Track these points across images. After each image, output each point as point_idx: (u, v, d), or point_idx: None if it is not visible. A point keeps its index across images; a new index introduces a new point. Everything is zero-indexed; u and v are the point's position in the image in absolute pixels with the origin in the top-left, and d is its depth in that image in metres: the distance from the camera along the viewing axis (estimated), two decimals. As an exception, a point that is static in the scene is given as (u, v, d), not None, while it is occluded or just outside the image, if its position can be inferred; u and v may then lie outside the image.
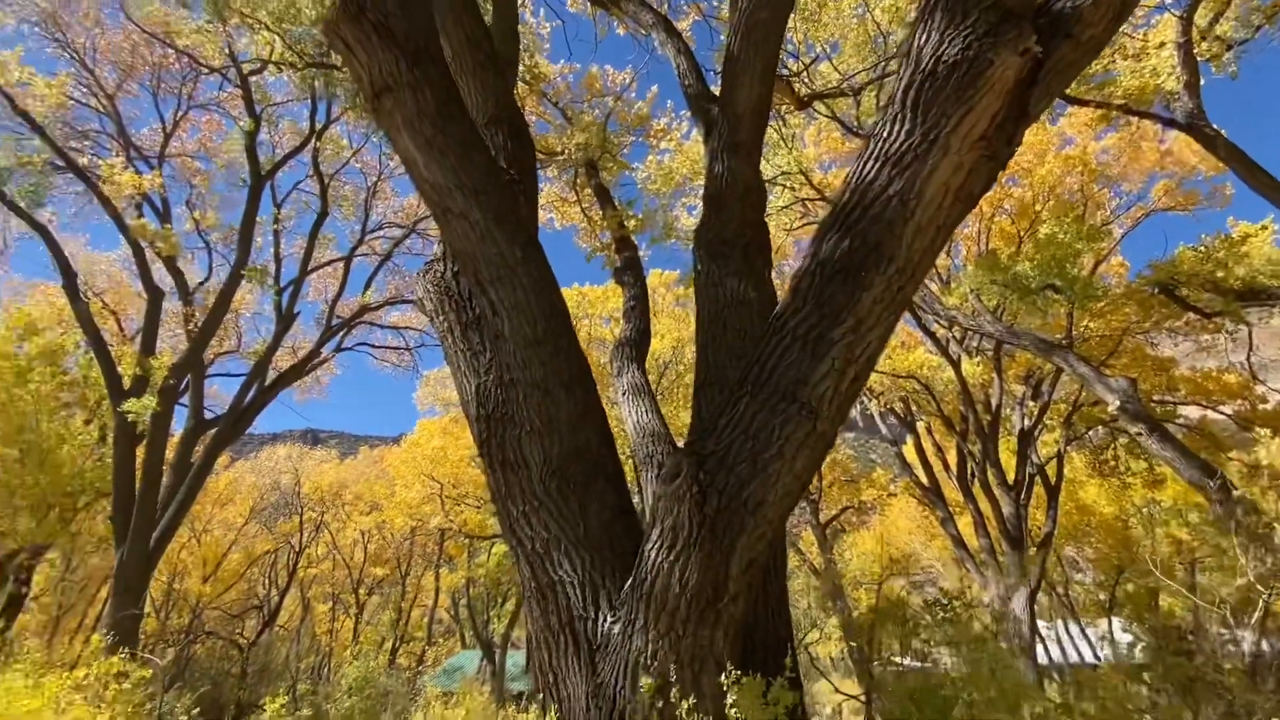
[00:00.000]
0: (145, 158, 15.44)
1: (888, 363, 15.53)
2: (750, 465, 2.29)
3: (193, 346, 13.71)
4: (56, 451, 15.02)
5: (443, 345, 3.50)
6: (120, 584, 11.66)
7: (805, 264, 2.44)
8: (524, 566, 2.84)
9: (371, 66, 2.66)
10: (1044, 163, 14.92)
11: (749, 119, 4.06)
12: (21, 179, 12.59)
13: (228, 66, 13.47)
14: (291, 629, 27.71)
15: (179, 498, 12.89)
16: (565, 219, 12.16)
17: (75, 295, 13.04)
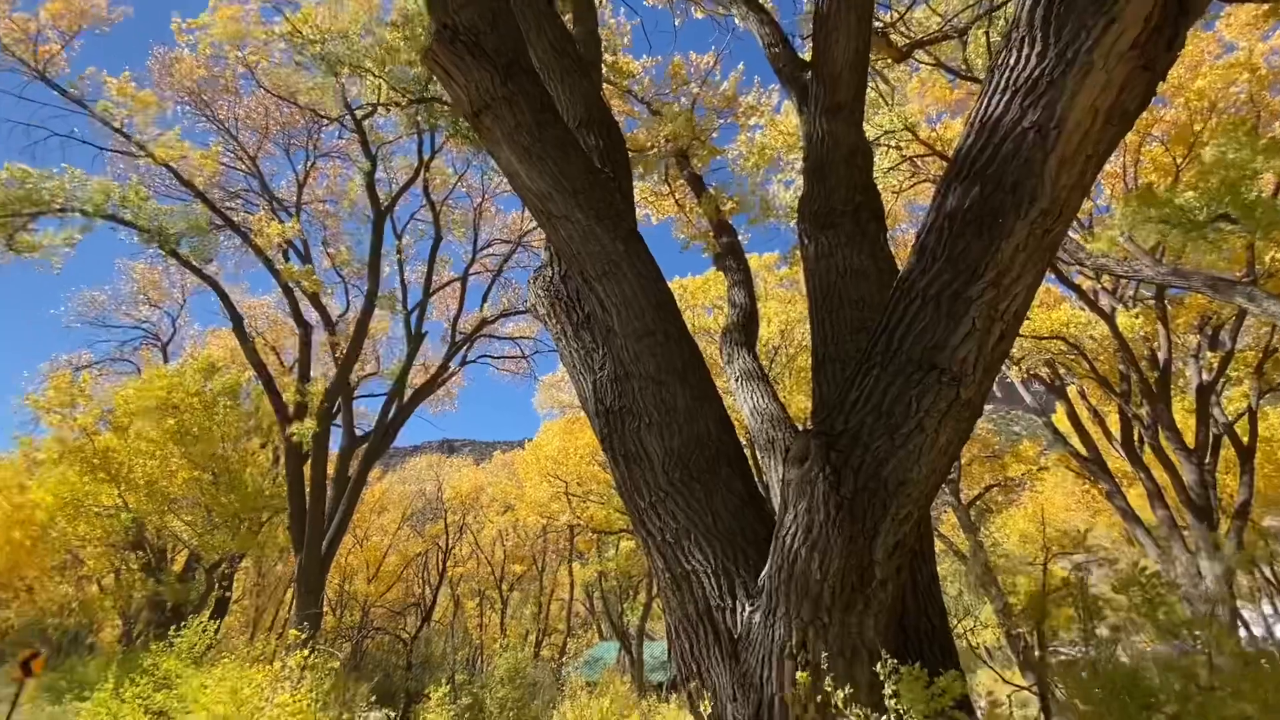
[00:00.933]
0: (285, 208, 17.34)
1: (1026, 325, 14.11)
2: (887, 442, 2.13)
3: (340, 372, 15.21)
4: (241, 474, 17.29)
5: (558, 347, 3.59)
6: (302, 586, 13.19)
7: (930, 219, 2.23)
8: (656, 558, 2.85)
9: (469, 86, 2.77)
10: (1199, 76, 12.85)
11: (847, 77, 3.81)
12: (191, 240, 14.54)
13: (344, 115, 14.79)
14: (446, 624, 30.12)
15: (342, 508, 14.36)
16: (660, 212, 12.18)
17: (243, 336, 14.90)
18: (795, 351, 17.27)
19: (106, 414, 17.27)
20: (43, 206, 12.25)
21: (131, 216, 12.95)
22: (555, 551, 29.89)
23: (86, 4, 13.93)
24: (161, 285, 21.69)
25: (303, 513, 14.03)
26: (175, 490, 17.34)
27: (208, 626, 11.62)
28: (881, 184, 11.88)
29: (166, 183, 15.01)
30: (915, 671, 1.97)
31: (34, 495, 16.84)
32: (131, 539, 17.94)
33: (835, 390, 2.80)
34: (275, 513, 18.75)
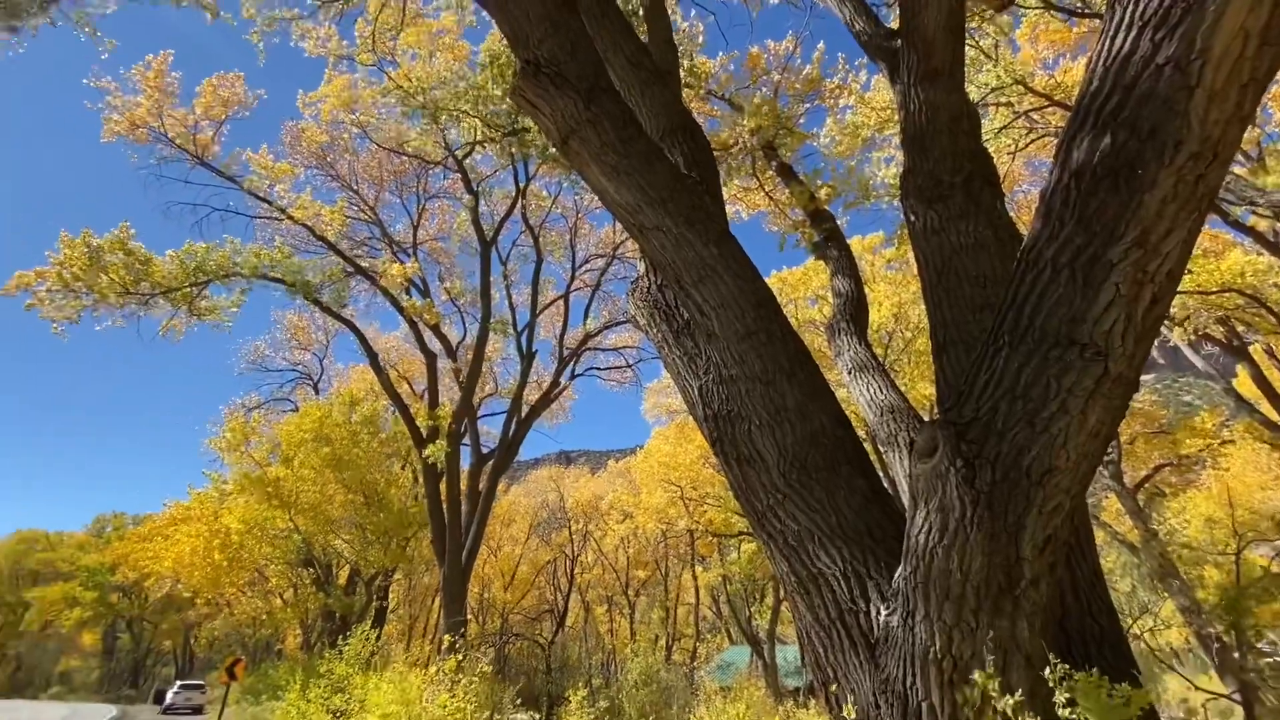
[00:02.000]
0: (404, 250, 18.89)
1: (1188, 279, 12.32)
2: (1027, 428, 1.95)
3: (464, 394, 16.28)
4: (388, 494, 18.96)
5: (660, 355, 3.63)
6: (447, 596, 14.20)
7: (1054, 179, 2.03)
8: (780, 561, 2.79)
9: (555, 115, 2.88)
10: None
11: (942, 40, 3.56)
12: (329, 288, 16.21)
13: (446, 157, 15.90)
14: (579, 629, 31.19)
15: (475, 521, 15.33)
16: (751, 207, 11.98)
17: (378, 369, 16.37)
18: (912, 335, 16.26)
19: (275, 448, 19.63)
20: (212, 275, 14.20)
21: (280, 274, 14.68)
22: (677, 556, 30.07)
23: (230, 93, 16.02)
24: (309, 330, 24.38)
25: (442, 527, 15.13)
26: (335, 512, 19.35)
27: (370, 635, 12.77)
28: (993, 146, 10.94)
29: (304, 240, 16.87)
30: (1093, 679, 1.78)
31: (226, 521, 19.46)
32: (303, 557, 20.23)
33: (961, 375, 2.62)
34: (419, 528, 20.39)
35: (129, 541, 34.96)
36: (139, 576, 29.99)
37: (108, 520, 54.41)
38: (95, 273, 13.37)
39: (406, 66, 13.27)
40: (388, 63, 13.34)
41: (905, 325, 16.50)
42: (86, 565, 43.32)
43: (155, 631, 46.92)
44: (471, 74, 12.15)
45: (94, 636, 51.23)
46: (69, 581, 43.96)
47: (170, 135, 15.39)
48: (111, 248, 13.51)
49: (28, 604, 45.38)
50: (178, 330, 14.96)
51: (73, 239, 13.33)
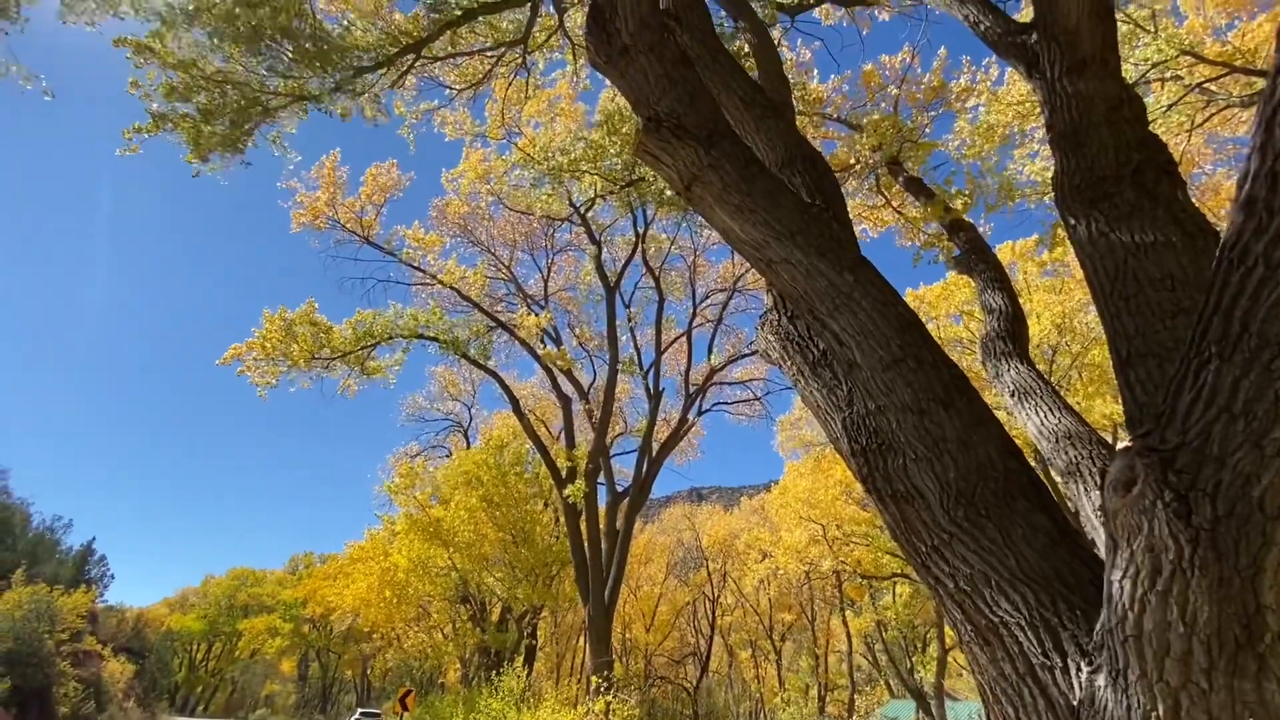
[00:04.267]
0: (537, 302, 20.22)
1: None
2: (1254, 452, 1.66)
3: (597, 435, 16.84)
4: (533, 532, 19.89)
5: (797, 389, 3.54)
6: (593, 634, 14.46)
7: (1255, 165, 1.75)
8: (952, 608, 2.55)
9: (677, 165, 2.99)
10: None
11: (1088, 27, 3.26)
12: (475, 343, 17.66)
13: (571, 213, 16.95)
14: (723, 674, 30.25)
15: (616, 558, 15.59)
16: (878, 224, 11.49)
17: (520, 414, 17.43)
18: (1080, 348, 14.49)
19: (435, 490, 21.45)
20: (379, 337, 16.07)
21: (434, 333, 16.29)
22: (823, 599, 28.40)
23: (387, 179, 18.35)
24: (458, 382, 26.67)
25: (584, 564, 15.55)
26: (487, 550, 20.63)
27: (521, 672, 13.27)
28: (1162, 127, 9.69)
29: (453, 301, 18.64)
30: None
31: (394, 559, 21.44)
32: (460, 594, 21.68)
33: (1156, 392, 2.30)
34: (562, 565, 21.12)
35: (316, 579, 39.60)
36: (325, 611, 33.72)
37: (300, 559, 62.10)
38: (289, 342, 15.67)
39: (531, 135, 14.46)
40: (515, 134, 14.62)
41: (1071, 337, 14.75)
42: (284, 599, 49.55)
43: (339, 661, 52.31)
44: (588, 133, 12.97)
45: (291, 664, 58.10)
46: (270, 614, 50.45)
47: (342, 220, 17.88)
48: (300, 320, 15.80)
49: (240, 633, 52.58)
50: (352, 389, 17.03)
51: (271, 315, 15.78)
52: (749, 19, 6.02)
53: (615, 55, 2.99)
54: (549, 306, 19.71)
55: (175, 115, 7.50)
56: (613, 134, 11.53)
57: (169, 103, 7.42)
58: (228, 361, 15.86)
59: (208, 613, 54.88)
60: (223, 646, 56.59)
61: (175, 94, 7.35)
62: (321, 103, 7.67)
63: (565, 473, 16.90)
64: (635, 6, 2.99)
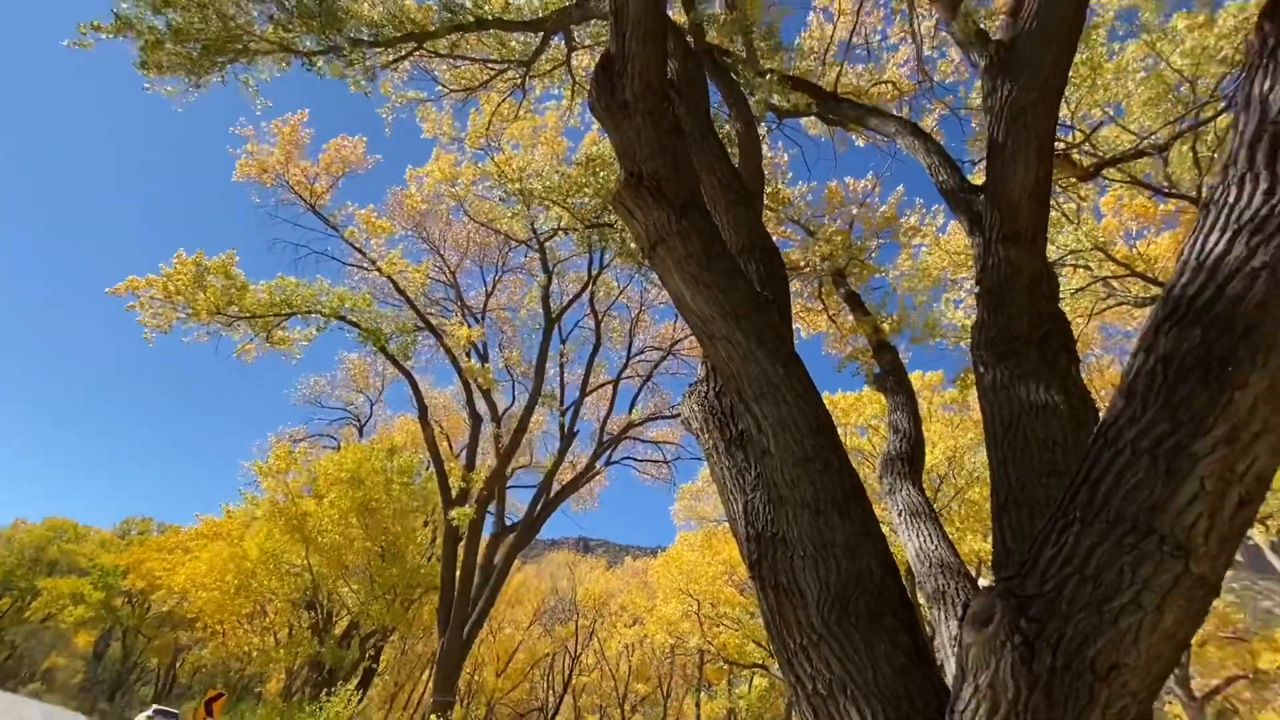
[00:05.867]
0: (474, 314, 19.80)
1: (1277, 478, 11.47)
2: (1094, 616, 1.83)
3: (500, 462, 16.35)
4: (405, 549, 18.78)
5: (708, 462, 3.61)
6: (441, 670, 13.61)
7: (1138, 362, 2.01)
8: (806, 710, 2.60)
9: (647, 223, 3.09)
10: None
11: (1026, 205, 3.68)
12: (397, 339, 16.98)
13: (530, 239, 16.93)
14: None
15: (485, 595, 14.90)
16: (812, 327, 12.10)
17: (425, 424, 16.72)
18: (965, 483, 15.56)
19: (311, 481, 19.97)
20: (296, 309, 15.19)
21: (357, 319, 15.56)
22: (683, 677, 28.08)
23: (351, 154, 17.80)
24: (367, 375, 25.39)
25: (451, 594, 14.76)
26: (350, 558, 19.23)
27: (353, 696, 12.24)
28: (1069, 307, 10.86)
29: (386, 291, 17.97)
30: None
31: (246, 545, 19.59)
32: (307, 599, 19.96)
33: (1023, 542, 2.50)
34: (426, 591, 19.93)
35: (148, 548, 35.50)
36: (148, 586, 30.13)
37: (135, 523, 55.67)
38: (196, 290, 14.52)
39: (509, 153, 14.51)
40: (494, 149, 14.62)
41: (959, 471, 15.85)
42: (103, 564, 43.95)
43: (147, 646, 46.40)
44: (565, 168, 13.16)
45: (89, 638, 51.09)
46: (82, 578, 44.53)
47: (291, 182, 17.08)
48: (216, 269, 14.74)
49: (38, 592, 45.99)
50: (250, 354, 15.87)
51: (186, 257, 14.64)
52: (742, 110, 6.40)
53: (615, 108, 3.09)
54: (484, 322, 19.34)
55: (143, 24, 7.04)
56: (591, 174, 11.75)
57: (140, 8, 6.97)
58: (120, 292, 14.49)
59: (5, 561, 47.84)
60: (13, 603, 49.16)
61: (149, 2, 6.92)
62: (313, 63, 7.44)
63: (456, 493, 16.21)
64: (644, 70, 3.13)
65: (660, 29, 3.15)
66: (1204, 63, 8.93)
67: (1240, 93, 2.02)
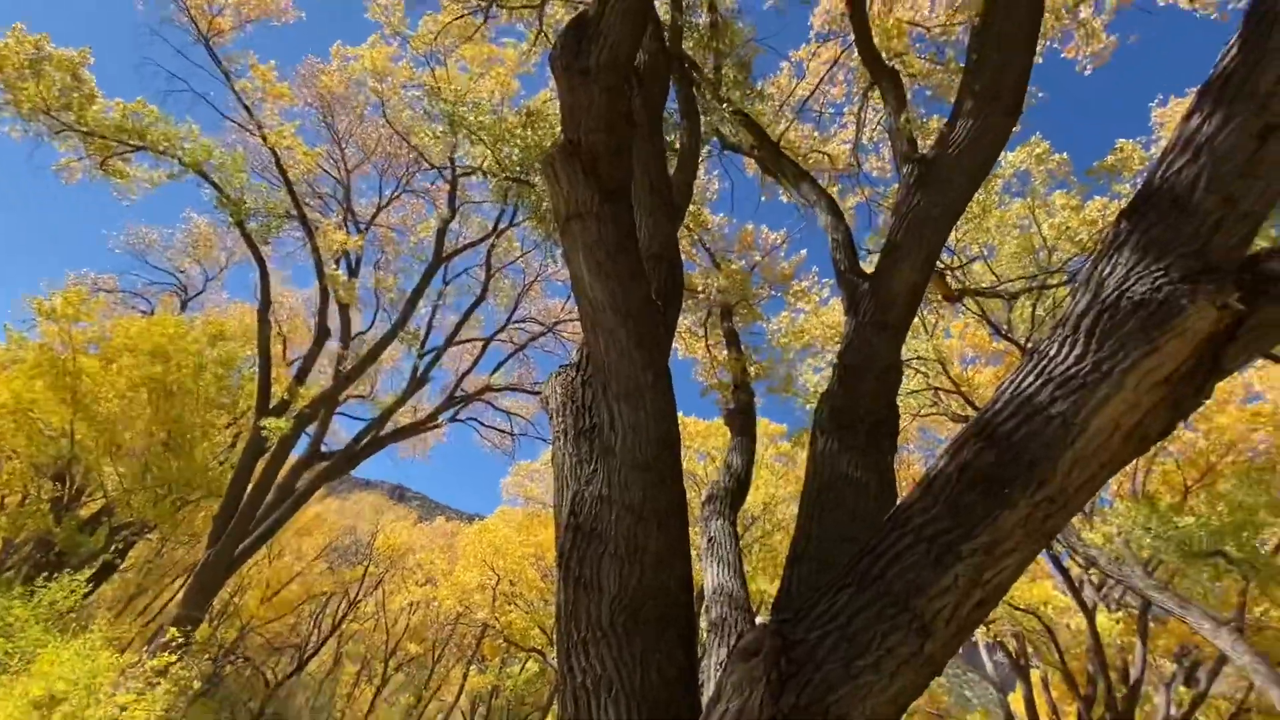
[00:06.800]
0: (357, 223, 18.27)
1: (1003, 587, 13.69)
2: (842, 670, 2.05)
3: (336, 385, 15.19)
4: (197, 445, 16.76)
5: (553, 446, 3.60)
6: (199, 583, 12.33)
7: (941, 465, 2.30)
8: (568, 700, 2.66)
9: (570, 195, 3.03)
10: (1224, 411, 13.40)
11: (902, 303, 4.09)
12: (260, 219, 15.23)
13: (445, 166, 15.96)
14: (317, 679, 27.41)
15: (275, 516, 13.73)
16: (688, 351, 12.55)
17: (264, 319, 15.13)
18: (771, 529, 16.89)
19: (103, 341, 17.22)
20: (148, 144, 13.10)
21: (220, 180, 13.73)
22: (458, 646, 27.66)
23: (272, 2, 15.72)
24: (213, 246, 22.47)
25: (235, 505, 13.42)
26: (127, 438, 16.81)
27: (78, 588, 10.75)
28: (902, 402, 12.21)
29: (265, 164, 16.04)
30: None
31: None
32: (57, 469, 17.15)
33: (806, 593, 2.74)
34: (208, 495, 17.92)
35: None
36: None
37: None
38: (27, 77, 12.03)
39: (453, 72, 13.61)
40: (437, 61, 13.64)
41: (769, 517, 17.17)
42: None
43: None
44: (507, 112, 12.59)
45: None
46: None
47: (188, 3, 14.75)
48: (60, 64, 12.31)
49: None
50: (74, 175, 13.45)
51: (25, 35, 12.09)
52: (692, 125, 6.50)
53: (576, 71, 3.00)
54: (367, 234, 17.88)
55: None
56: (529, 128, 11.32)
57: None
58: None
59: None
60: None
61: None
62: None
63: (276, 403, 14.78)
64: (615, 44, 3.07)
65: (642, 10, 3.11)
66: (1064, 239, 10.50)
67: (1085, 271, 2.38)
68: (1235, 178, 2.06)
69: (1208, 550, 8.98)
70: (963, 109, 4.15)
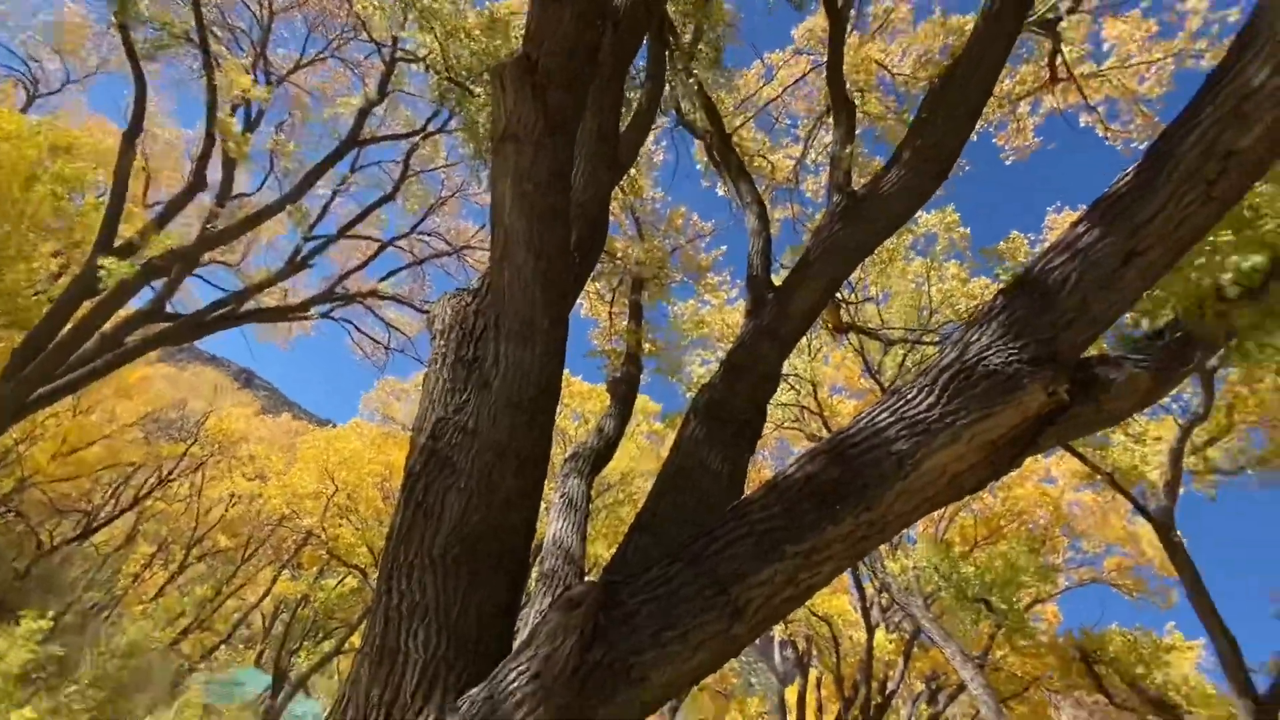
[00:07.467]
0: (269, 73, 16.26)
1: (810, 595, 15.19)
2: (653, 635, 2.16)
3: (200, 242, 13.59)
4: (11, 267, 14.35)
5: (429, 369, 3.45)
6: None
7: (792, 470, 2.47)
8: (378, 619, 2.60)
9: (513, 114, 2.86)
10: (1022, 485, 15.51)
11: (798, 319, 4.30)
12: (152, 33, 13.10)
13: (386, 44, 14.57)
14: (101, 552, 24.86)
15: (92, 367, 12.15)
16: (591, 311, 12.50)
17: (130, 145, 13.13)
18: (623, 500, 17.43)
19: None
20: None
21: (110, -31, 11.62)
22: (274, 548, 26.16)
23: None
24: (82, 42, 19.04)
25: (43, 344, 11.71)
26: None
27: None
28: (771, 411, 12.96)
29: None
30: None
31: None
32: None
33: (638, 562, 2.85)
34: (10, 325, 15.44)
35: None
36: None
37: None
38: None
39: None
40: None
41: (624, 488, 17.70)
42: None
43: None
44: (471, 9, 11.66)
45: None
46: None
47: None
48: None
49: None
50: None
51: None
52: (656, 89, 6.37)
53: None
54: (277, 88, 15.94)
55: None
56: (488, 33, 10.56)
57: None
58: None
59: None
60: None
61: None
62: None
63: (124, 244, 12.94)
64: (600, -24, 2.92)
65: (637, -48, 2.98)
66: (947, 304, 11.54)
67: (958, 332, 2.62)
68: (1096, 287, 2.35)
69: (977, 596, 10.47)
70: (901, 158, 4.39)
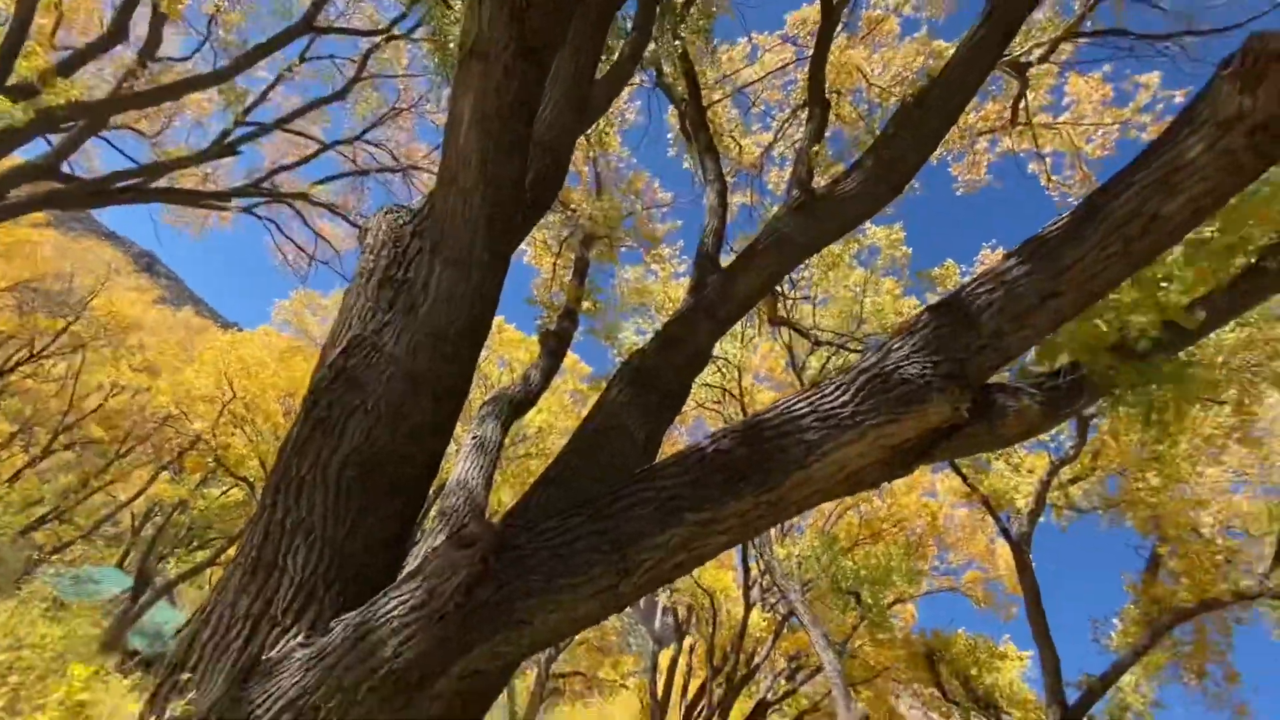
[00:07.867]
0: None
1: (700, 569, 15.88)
2: (543, 581, 2.18)
3: (113, 100, 12.20)
4: None
5: (352, 284, 3.27)
6: None
7: (703, 444, 2.52)
8: (258, 531, 2.48)
9: (487, 30, 2.68)
10: (909, 494, 16.65)
11: (738, 303, 4.37)
12: None
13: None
14: (-51, 423, 22.45)
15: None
16: (535, 261, 12.22)
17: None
18: (535, 454, 17.40)
19: None
20: None
21: None
22: (156, 447, 24.44)
23: None
24: None
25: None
26: None
27: None
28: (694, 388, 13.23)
29: None
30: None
31: None
32: None
33: (541, 513, 2.86)
34: None
35: None
36: None
37: None
38: None
39: None
40: None
41: (539, 442, 17.67)
42: None
43: None
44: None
45: None
46: None
47: None
48: None
49: None
50: None
51: None
52: (640, 42, 6.17)
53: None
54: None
55: None
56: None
57: None
58: None
59: None
60: None
61: None
62: None
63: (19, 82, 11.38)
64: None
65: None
66: (875, 317, 12.04)
67: (882, 340, 2.74)
68: (1012, 319, 2.50)
69: (850, 589, 11.28)
70: (863, 166, 4.47)
